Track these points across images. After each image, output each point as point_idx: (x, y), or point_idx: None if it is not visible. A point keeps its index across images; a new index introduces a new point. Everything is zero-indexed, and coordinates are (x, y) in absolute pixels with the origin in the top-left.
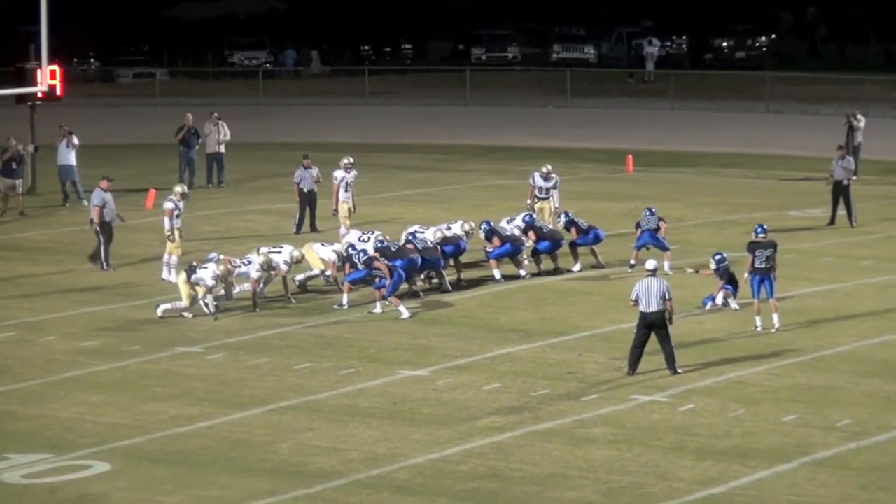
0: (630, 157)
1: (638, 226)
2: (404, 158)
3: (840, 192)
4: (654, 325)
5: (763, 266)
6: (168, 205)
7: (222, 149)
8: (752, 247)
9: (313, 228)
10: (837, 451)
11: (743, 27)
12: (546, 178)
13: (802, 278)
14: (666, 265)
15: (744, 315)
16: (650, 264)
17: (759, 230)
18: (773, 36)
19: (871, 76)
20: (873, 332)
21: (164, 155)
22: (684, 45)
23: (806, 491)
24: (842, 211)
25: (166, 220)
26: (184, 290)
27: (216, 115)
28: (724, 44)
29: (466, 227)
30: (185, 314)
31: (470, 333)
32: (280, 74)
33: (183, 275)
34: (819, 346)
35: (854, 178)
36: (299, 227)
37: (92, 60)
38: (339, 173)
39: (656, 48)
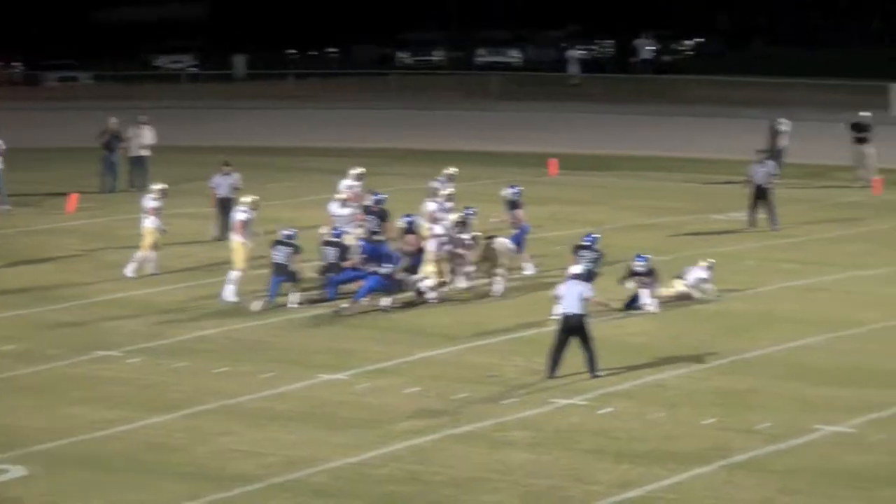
0: (554, 160)
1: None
2: (330, 162)
3: (761, 195)
4: (575, 329)
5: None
6: (153, 204)
7: (146, 152)
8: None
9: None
10: (756, 454)
11: (668, 32)
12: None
13: (724, 281)
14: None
15: (665, 318)
16: (577, 268)
17: (639, 259)
18: (700, 40)
19: (795, 79)
20: (793, 335)
21: (87, 159)
22: (610, 49)
23: (724, 493)
24: (763, 214)
25: (153, 218)
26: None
27: (141, 118)
28: (650, 47)
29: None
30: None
31: (390, 337)
32: (205, 78)
33: None
34: (739, 350)
35: (776, 181)
36: (220, 232)
37: (17, 63)
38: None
39: (581, 52)
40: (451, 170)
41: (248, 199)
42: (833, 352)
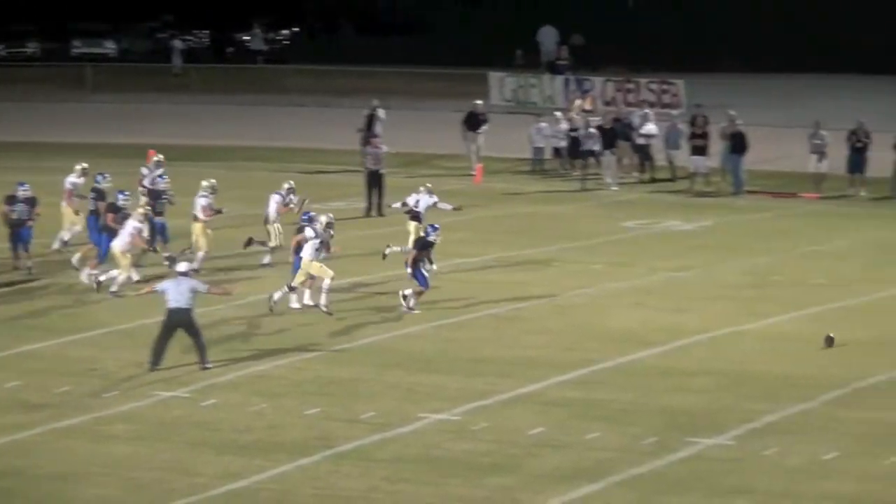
0: (152, 151)
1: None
2: None
3: (374, 180)
4: (181, 323)
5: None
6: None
7: None
8: None
9: None
10: (361, 444)
11: (265, 21)
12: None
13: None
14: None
15: (266, 308)
16: (182, 267)
17: (430, 229)
18: (296, 29)
19: (393, 68)
20: (400, 324)
21: None
22: (206, 40)
23: (329, 484)
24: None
25: None
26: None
27: None
28: (246, 37)
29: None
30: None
31: None
32: None
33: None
34: (343, 339)
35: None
36: None
37: None
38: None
39: (182, 42)
40: (83, 165)
41: None
42: (437, 340)
